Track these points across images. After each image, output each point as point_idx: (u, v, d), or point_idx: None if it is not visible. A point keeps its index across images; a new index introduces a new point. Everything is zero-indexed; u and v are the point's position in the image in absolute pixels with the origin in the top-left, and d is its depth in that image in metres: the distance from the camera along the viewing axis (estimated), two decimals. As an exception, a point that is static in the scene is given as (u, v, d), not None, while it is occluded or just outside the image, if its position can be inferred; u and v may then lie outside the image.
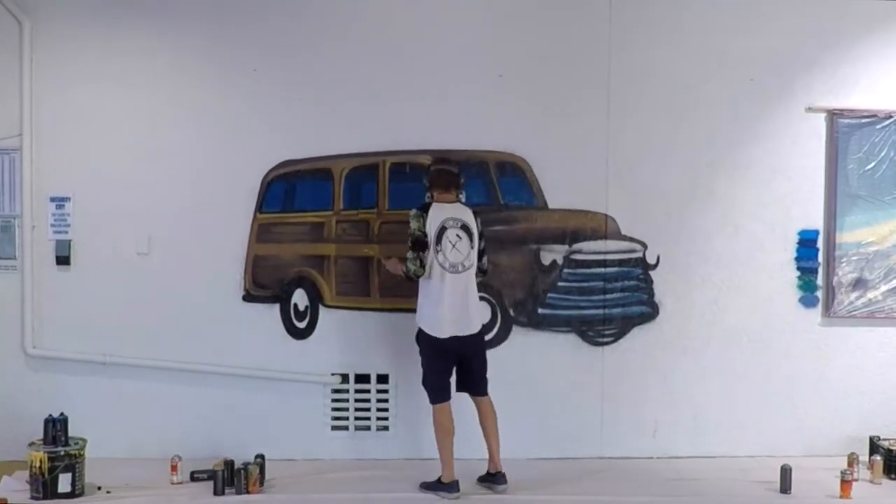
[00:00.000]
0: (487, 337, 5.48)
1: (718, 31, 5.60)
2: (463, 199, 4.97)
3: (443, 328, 4.75)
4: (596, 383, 5.62)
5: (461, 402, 4.98)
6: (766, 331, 5.68)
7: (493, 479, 4.89)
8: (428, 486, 4.85)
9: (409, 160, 5.44)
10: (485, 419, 4.91)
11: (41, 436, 4.73)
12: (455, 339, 4.77)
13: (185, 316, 5.43)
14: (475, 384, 4.92)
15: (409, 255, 4.74)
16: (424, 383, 4.89)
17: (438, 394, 4.82)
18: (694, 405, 5.63)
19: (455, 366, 4.89)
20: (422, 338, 4.87)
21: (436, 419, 4.82)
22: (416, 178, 5.30)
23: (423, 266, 4.71)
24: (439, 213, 4.76)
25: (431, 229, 4.71)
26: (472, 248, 4.80)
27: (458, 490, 4.76)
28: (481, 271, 4.94)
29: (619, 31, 5.56)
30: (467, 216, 4.85)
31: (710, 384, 5.65)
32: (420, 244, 4.70)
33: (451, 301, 4.74)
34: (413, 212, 4.79)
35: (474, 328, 4.85)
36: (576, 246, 5.53)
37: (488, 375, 4.99)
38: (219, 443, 5.27)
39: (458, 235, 4.76)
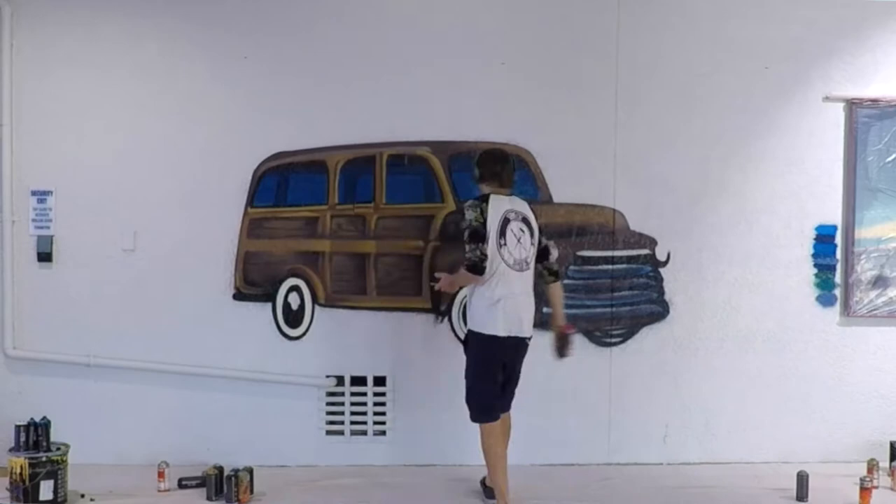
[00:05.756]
0: None
1: (732, 16, 5.59)
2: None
3: (505, 326, 4.49)
4: (603, 386, 5.63)
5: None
6: (781, 331, 5.69)
7: (486, 490, 4.88)
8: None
9: (407, 152, 5.46)
10: (502, 436, 4.70)
11: (22, 440, 4.71)
12: (510, 341, 4.52)
13: (173, 315, 5.46)
14: (507, 396, 4.75)
15: (469, 247, 4.45)
16: (471, 398, 4.63)
17: (489, 410, 4.57)
18: (706, 409, 5.65)
19: (503, 375, 4.64)
20: (474, 343, 4.58)
21: (486, 440, 4.56)
22: (415, 171, 5.35)
23: (484, 258, 4.41)
24: (500, 203, 4.51)
25: (493, 221, 4.45)
26: (533, 243, 4.61)
27: None
28: (551, 272, 4.76)
29: (628, 17, 5.55)
30: (526, 209, 4.64)
31: (722, 387, 5.67)
32: (478, 236, 4.43)
33: (514, 302, 4.51)
34: (469, 202, 4.54)
35: (529, 331, 4.63)
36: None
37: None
38: (208, 448, 5.32)
39: (521, 229, 4.55)
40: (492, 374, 4.59)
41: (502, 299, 4.48)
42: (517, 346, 4.62)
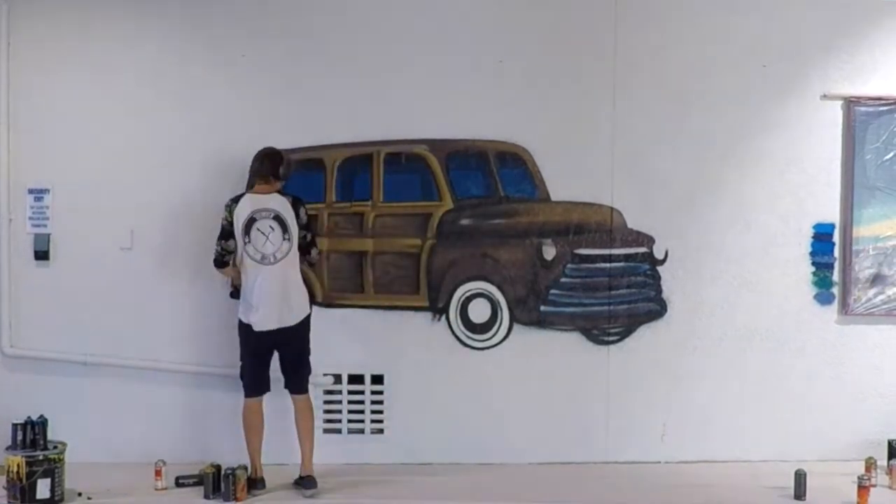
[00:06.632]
0: (489, 337, 5.60)
1: (730, 14, 5.64)
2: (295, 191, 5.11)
3: (255, 319, 4.89)
4: (601, 384, 5.64)
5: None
6: (779, 329, 5.72)
7: (302, 482, 5.00)
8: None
9: (404, 150, 5.50)
10: (299, 419, 5.05)
11: (19, 439, 4.74)
12: (269, 333, 4.91)
13: (170, 314, 5.50)
14: (290, 380, 5.06)
15: (216, 244, 4.96)
16: (241, 376, 5.06)
17: (248, 388, 5.00)
18: (703, 408, 5.67)
19: (270, 359, 5.06)
20: (239, 327, 5.00)
21: (243, 414, 5.00)
22: (412, 169, 5.48)
23: (224, 253, 4.92)
24: (249, 204, 4.89)
25: (239, 220, 4.86)
26: (285, 238, 4.90)
27: (262, 487, 4.97)
28: (309, 264, 5.17)
29: (626, 14, 5.60)
30: (283, 207, 4.91)
31: (720, 385, 5.69)
32: (223, 233, 4.92)
33: (266, 292, 4.87)
34: (226, 202, 4.95)
35: (291, 321, 4.95)
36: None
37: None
38: (205, 447, 5.34)
39: (270, 227, 4.88)
40: (252, 356, 5.00)
41: (251, 291, 4.91)
42: (276, 336, 4.94)
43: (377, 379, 5.56)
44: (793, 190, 5.68)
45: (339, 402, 5.56)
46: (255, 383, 5.00)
